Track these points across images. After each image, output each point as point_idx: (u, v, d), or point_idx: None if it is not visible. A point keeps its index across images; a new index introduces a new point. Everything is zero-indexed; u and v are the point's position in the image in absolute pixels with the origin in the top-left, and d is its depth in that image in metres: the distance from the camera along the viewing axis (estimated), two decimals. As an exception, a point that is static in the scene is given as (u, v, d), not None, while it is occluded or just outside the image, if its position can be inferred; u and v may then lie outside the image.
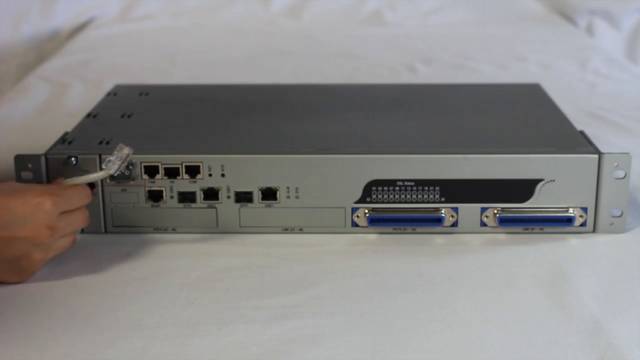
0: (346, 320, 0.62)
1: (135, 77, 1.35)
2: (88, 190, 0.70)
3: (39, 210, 0.64)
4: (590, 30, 1.77)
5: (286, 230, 0.76)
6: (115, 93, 0.96)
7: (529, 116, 0.86)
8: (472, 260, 0.71)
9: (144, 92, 0.96)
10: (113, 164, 0.70)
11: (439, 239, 0.75)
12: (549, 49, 1.53)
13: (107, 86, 1.03)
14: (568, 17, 1.82)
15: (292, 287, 0.67)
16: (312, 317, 0.63)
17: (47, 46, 1.74)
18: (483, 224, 0.75)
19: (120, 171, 0.71)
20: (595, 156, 0.73)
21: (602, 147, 0.76)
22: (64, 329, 0.61)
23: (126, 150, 0.71)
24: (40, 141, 0.77)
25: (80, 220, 0.69)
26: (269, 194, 0.75)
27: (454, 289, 0.67)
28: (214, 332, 0.61)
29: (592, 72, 1.35)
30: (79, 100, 1.19)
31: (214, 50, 1.58)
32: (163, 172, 0.74)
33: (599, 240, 0.74)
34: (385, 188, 0.74)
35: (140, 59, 1.50)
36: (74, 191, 0.68)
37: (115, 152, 0.71)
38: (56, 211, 0.65)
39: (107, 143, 0.77)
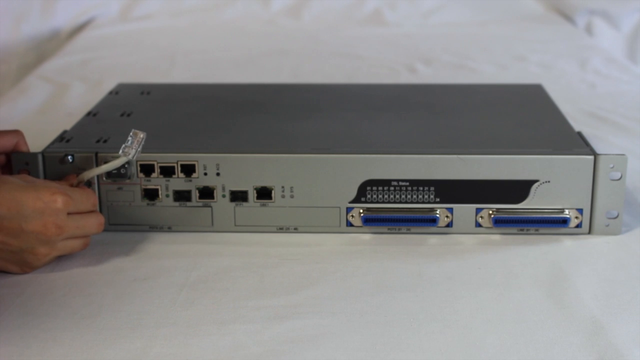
0: (346, 320, 0.62)
1: (135, 77, 1.35)
2: (94, 196, 0.71)
3: (49, 207, 0.65)
4: (589, 30, 1.78)
5: (281, 229, 0.76)
6: (117, 92, 0.96)
7: (528, 117, 0.86)
8: (472, 261, 0.71)
9: (146, 91, 0.96)
10: (130, 149, 0.71)
11: (433, 239, 0.75)
12: (549, 49, 1.53)
13: (107, 86, 1.03)
14: (568, 17, 1.82)
15: (292, 287, 0.67)
16: (312, 317, 0.63)
17: (47, 46, 1.75)
18: (478, 225, 0.75)
19: (137, 156, 0.71)
20: (591, 157, 0.73)
21: (602, 148, 0.76)
22: (64, 329, 0.61)
23: (141, 135, 0.71)
24: (40, 141, 0.78)
25: (92, 225, 0.70)
26: (264, 193, 0.75)
27: (454, 289, 0.67)
28: (214, 332, 0.61)
29: (592, 72, 1.35)
30: (79, 100, 1.19)
31: (214, 50, 1.58)
32: (159, 170, 0.74)
33: (598, 241, 0.74)
34: (380, 188, 0.74)
35: (140, 58, 1.50)
36: (82, 194, 0.69)
37: (130, 138, 0.71)
38: (65, 210, 0.66)
39: (105, 141, 0.77)
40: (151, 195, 0.75)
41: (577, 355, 0.58)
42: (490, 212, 0.75)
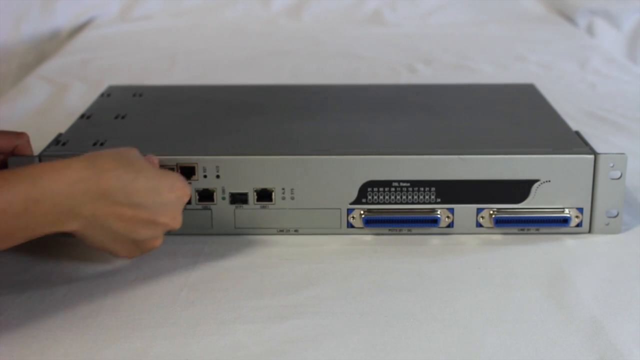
0: (346, 320, 0.62)
1: (135, 77, 1.36)
2: None
3: (180, 200, 0.66)
4: (590, 30, 1.78)
5: (281, 231, 0.76)
6: (109, 94, 0.95)
7: (525, 116, 0.86)
8: (472, 260, 0.71)
9: (138, 93, 0.95)
10: None
11: (435, 240, 0.75)
12: (549, 49, 1.53)
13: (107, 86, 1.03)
14: (568, 17, 1.82)
15: (292, 287, 0.67)
16: (312, 317, 0.63)
17: (47, 46, 1.74)
18: (479, 225, 0.75)
19: None
20: (591, 156, 0.73)
21: (602, 147, 0.76)
22: (64, 329, 0.61)
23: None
24: (40, 141, 0.77)
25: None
26: (264, 195, 0.75)
27: (454, 289, 0.67)
28: (214, 332, 0.61)
29: (592, 72, 1.35)
30: (79, 100, 1.19)
31: (214, 50, 1.58)
32: None
33: (598, 240, 0.74)
34: (381, 189, 0.74)
35: (140, 59, 1.50)
36: None
37: None
38: (186, 202, 0.67)
39: (102, 144, 0.77)
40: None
41: (577, 355, 0.58)
42: (491, 212, 0.75)
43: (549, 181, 0.74)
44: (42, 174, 0.58)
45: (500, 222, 0.75)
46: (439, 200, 0.75)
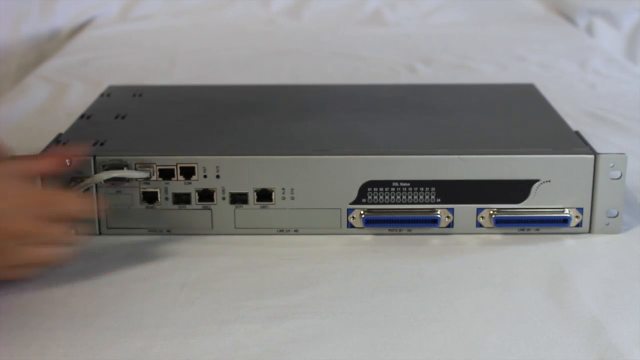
0: (346, 320, 0.62)
1: (135, 78, 1.35)
2: (81, 203, 0.67)
3: (20, 206, 0.61)
4: (590, 30, 1.78)
5: (281, 231, 0.76)
6: (109, 94, 0.95)
7: (525, 116, 0.86)
8: (472, 260, 0.71)
9: (138, 93, 0.95)
10: None
11: (435, 240, 0.75)
12: (549, 49, 1.53)
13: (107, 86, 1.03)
14: (568, 17, 1.82)
15: (292, 287, 0.67)
16: (312, 317, 0.63)
17: (47, 46, 1.75)
18: (479, 225, 0.75)
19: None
20: (591, 156, 0.73)
21: (601, 147, 0.76)
22: (64, 329, 0.61)
23: None
24: (40, 141, 0.77)
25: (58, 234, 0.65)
26: (264, 195, 0.75)
27: (454, 289, 0.67)
28: (214, 332, 0.61)
29: (592, 72, 1.35)
30: (79, 100, 1.19)
31: (214, 50, 1.58)
32: (158, 173, 0.74)
33: (598, 240, 0.74)
34: (381, 189, 0.74)
35: (140, 59, 1.50)
36: (63, 198, 0.65)
37: None
38: (32, 211, 0.62)
39: (102, 144, 0.77)
40: (150, 198, 0.75)
41: (577, 355, 0.58)
42: (491, 212, 0.75)
43: (549, 181, 0.74)
44: None
45: (500, 222, 0.75)
46: (439, 200, 0.75)
